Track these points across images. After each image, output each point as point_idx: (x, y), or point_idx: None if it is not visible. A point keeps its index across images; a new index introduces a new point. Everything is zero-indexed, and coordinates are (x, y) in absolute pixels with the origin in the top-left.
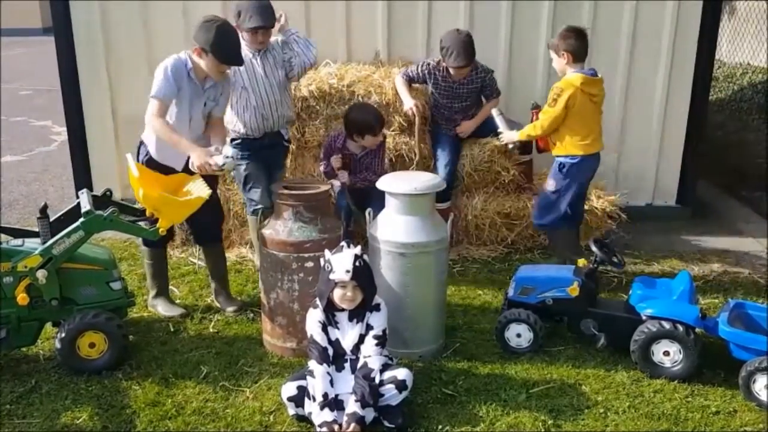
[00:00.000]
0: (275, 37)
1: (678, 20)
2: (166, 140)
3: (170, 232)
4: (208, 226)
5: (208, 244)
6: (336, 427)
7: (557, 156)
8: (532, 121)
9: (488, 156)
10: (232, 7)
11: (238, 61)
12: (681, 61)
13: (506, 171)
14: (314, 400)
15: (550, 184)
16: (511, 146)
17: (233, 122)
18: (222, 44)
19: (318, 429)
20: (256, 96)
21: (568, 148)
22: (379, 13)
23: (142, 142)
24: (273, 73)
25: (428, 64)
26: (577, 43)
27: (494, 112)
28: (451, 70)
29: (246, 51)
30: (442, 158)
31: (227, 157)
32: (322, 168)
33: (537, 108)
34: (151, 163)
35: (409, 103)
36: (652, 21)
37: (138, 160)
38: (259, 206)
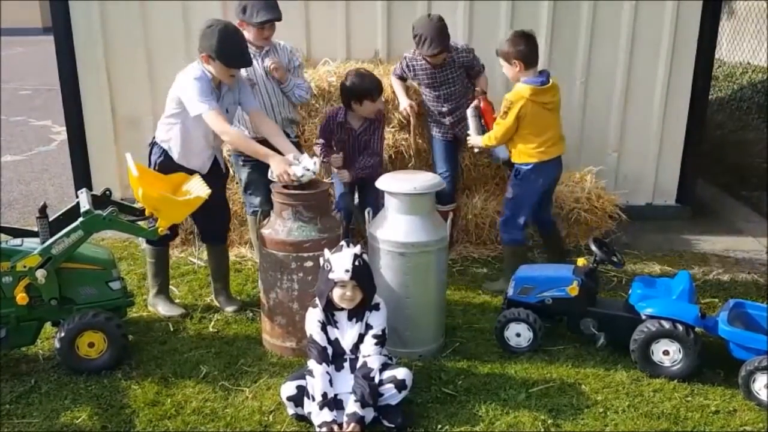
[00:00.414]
0: (285, 43)
1: (677, 20)
2: (244, 148)
3: (174, 231)
4: (215, 225)
5: (213, 243)
6: (335, 426)
7: (515, 163)
8: (477, 106)
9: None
10: (233, 6)
11: (246, 62)
12: (680, 60)
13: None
14: (313, 399)
15: (508, 192)
16: (477, 150)
17: (235, 125)
18: (227, 48)
19: (318, 429)
20: (258, 97)
21: (522, 156)
22: (378, 12)
23: (154, 143)
24: (275, 76)
25: (405, 58)
26: (527, 49)
27: (469, 112)
28: (428, 58)
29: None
30: (441, 167)
31: (306, 169)
32: (318, 148)
33: (483, 94)
34: (169, 165)
35: (404, 104)
36: (651, 21)
37: (150, 161)
38: (258, 208)
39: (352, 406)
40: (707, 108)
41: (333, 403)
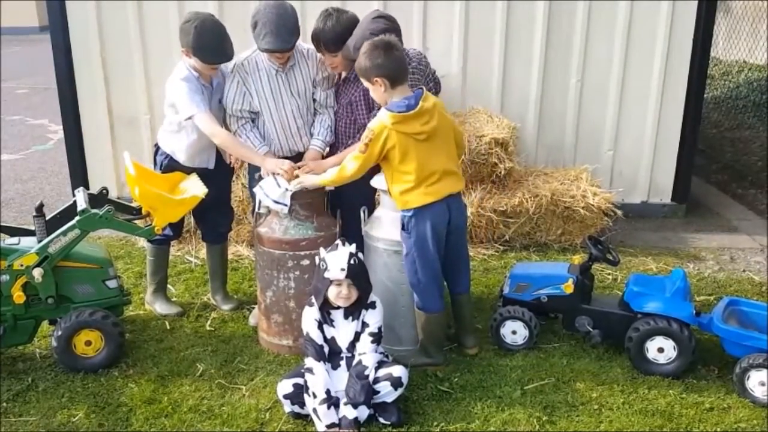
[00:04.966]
0: (312, 48)
1: (673, 18)
2: (234, 152)
3: (177, 230)
4: (219, 225)
5: (214, 242)
6: (338, 428)
7: (401, 212)
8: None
9: (486, 149)
10: (229, 6)
11: (225, 57)
12: (676, 59)
13: (502, 162)
14: (314, 396)
15: (402, 247)
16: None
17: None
18: (202, 45)
19: (326, 429)
20: (282, 118)
21: (399, 201)
22: None
23: (158, 147)
24: (300, 92)
25: None
26: (388, 62)
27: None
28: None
29: (269, 65)
30: None
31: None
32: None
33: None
34: (175, 167)
35: None
36: (647, 19)
37: (156, 164)
38: None
39: (343, 409)
40: (702, 106)
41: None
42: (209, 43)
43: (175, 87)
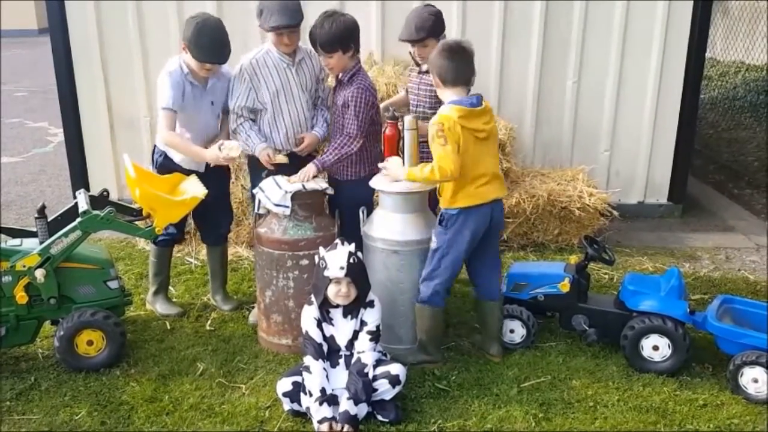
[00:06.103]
0: (307, 46)
1: (669, 19)
2: (180, 151)
3: (181, 231)
4: (218, 227)
5: (214, 244)
6: (335, 423)
7: (441, 209)
8: (384, 134)
9: None
10: (228, 6)
11: (215, 58)
12: (672, 59)
13: (499, 163)
14: (310, 395)
15: (432, 241)
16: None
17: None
18: (198, 41)
19: (317, 424)
20: (291, 112)
21: (447, 199)
22: (373, 12)
23: (155, 146)
24: (308, 87)
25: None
26: (447, 64)
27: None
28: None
29: (279, 60)
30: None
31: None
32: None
33: (394, 119)
34: (170, 166)
35: None
36: (643, 20)
37: (153, 162)
38: None
39: (344, 404)
40: (699, 106)
41: (330, 398)
42: (206, 42)
43: (160, 78)
